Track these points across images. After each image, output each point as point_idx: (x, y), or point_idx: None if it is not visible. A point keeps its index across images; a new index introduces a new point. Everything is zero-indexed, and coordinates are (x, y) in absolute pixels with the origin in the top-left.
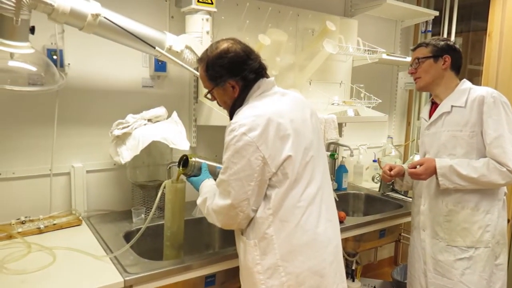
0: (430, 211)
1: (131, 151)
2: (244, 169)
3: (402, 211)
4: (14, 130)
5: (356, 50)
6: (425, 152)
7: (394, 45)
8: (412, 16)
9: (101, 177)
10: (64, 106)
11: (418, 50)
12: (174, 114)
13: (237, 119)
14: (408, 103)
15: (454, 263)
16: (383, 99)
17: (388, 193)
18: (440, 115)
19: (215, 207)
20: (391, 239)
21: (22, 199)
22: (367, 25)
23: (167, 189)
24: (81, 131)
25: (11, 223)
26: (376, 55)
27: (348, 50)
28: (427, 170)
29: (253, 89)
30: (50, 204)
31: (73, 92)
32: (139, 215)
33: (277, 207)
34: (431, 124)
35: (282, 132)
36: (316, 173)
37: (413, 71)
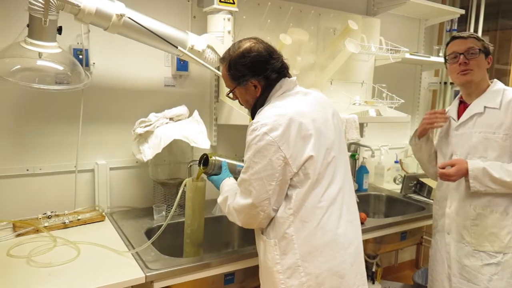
0: (456, 214)
1: (153, 149)
2: (265, 168)
3: (425, 214)
4: (41, 127)
5: (378, 49)
6: (452, 153)
7: (417, 44)
8: (436, 15)
9: (124, 174)
10: (89, 104)
11: (471, 40)
12: (195, 113)
13: (259, 119)
14: (432, 104)
15: (481, 268)
16: (406, 99)
17: (410, 194)
18: (472, 115)
19: (236, 206)
20: (412, 242)
21: (48, 194)
22: (390, 24)
23: (188, 187)
24: (105, 129)
25: (38, 218)
26: (399, 55)
27: (371, 49)
28: (458, 172)
29: (275, 88)
30: (75, 200)
31: (98, 91)
32: (160, 212)
33: (298, 207)
34: (461, 125)
35: (304, 132)
36: (338, 174)
37: (465, 61)
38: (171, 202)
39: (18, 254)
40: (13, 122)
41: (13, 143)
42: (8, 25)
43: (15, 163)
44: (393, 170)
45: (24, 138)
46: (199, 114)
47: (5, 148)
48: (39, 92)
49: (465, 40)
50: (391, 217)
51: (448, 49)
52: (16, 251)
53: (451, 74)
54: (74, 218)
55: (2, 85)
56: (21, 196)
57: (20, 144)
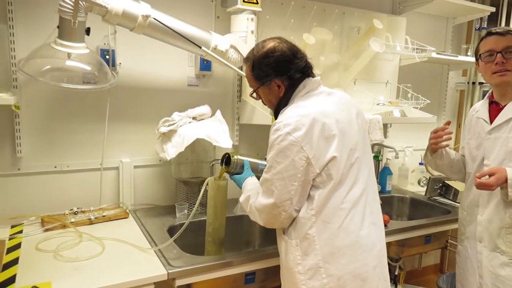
0: (489, 222)
1: (176, 148)
2: (287, 169)
3: (450, 217)
4: (69, 125)
5: (404, 48)
6: (483, 157)
7: (444, 43)
8: (465, 13)
9: (147, 173)
10: (115, 104)
11: (509, 38)
12: (218, 113)
13: (282, 119)
14: (459, 104)
15: None
16: (432, 99)
17: (436, 197)
18: (508, 119)
19: (258, 205)
20: (437, 246)
21: (75, 191)
22: (416, 22)
23: (210, 186)
24: (130, 127)
25: (65, 213)
26: (425, 54)
27: (396, 48)
28: (498, 181)
29: (299, 88)
30: (100, 197)
31: (123, 90)
32: (182, 211)
33: (320, 208)
34: (495, 129)
35: (327, 132)
36: (361, 175)
37: (502, 60)
38: (193, 200)
39: (46, 248)
40: (43, 120)
41: (42, 140)
42: (40, 26)
43: (44, 160)
44: (418, 172)
45: (53, 136)
46: (222, 113)
47: (35, 145)
48: (68, 91)
49: (503, 38)
50: (415, 219)
51: (482, 45)
52: (44, 245)
53: (484, 73)
54: (99, 214)
55: (33, 85)
56: (49, 192)
57: (49, 142)
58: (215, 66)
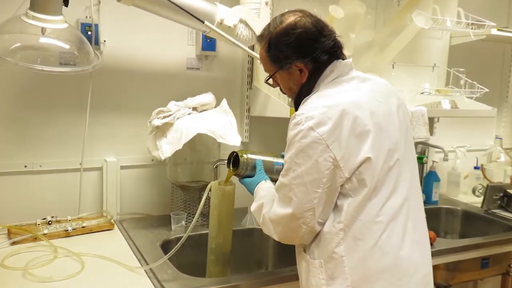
0: None
1: (172, 145)
2: (309, 172)
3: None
4: (42, 116)
5: (455, 24)
6: None
7: (507, 17)
8: None
9: (137, 175)
10: (98, 90)
11: None
12: (224, 102)
13: (303, 110)
14: None
15: None
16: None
17: (495, 210)
18: None
19: (272, 216)
20: (496, 271)
21: (49, 196)
22: None
23: (214, 192)
24: (116, 119)
25: (36, 223)
26: (482, 31)
27: (445, 24)
28: None
29: (325, 73)
30: (79, 204)
31: (109, 74)
32: (179, 222)
33: (350, 221)
34: None
35: (360, 127)
36: (402, 181)
37: None
38: (193, 209)
39: (14, 265)
40: (10, 109)
41: (9, 134)
42: None
43: (12, 158)
44: (472, 178)
45: (23, 129)
46: (229, 103)
47: (1, 140)
48: (41, 75)
49: None
50: (468, 237)
51: None
52: (11, 262)
53: None
54: (78, 225)
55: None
56: (18, 197)
57: (18, 136)
58: (220, 45)
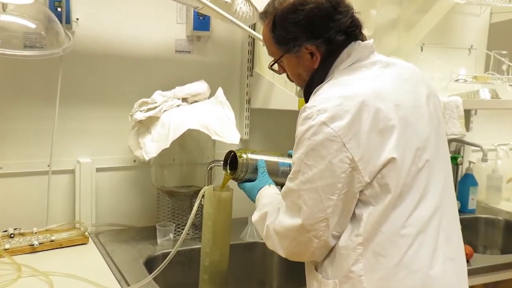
0: None
1: (158, 143)
2: (322, 175)
3: None
4: (2, 109)
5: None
6: None
7: None
8: None
9: (116, 178)
10: (70, 78)
11: None
12: (220, 92)
13: (315, 102)
14: None
15: None
16: None
17: None
18: None
19: (278, 228)
20: None
21: (11, 204)
22: None
23: (207, 200)
24: (91, 113)
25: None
26: None
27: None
28: None
29: (341, 57)
30: (47, 213)
31: (82, 58)
32: (166, 235)
33: (371, 234)
34: None
35: (383, 122)
36: (433, 186)
37: None
38: (183, 220)
39: None
40: None
41: None
42: None
43: None
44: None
45: None
46: (225, 93)
47: None
48: (1, 60)
49: None
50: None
51: None
52: None
53: None
54: (45, 238)
55: None
56: None
57: None
58: (216, 24)
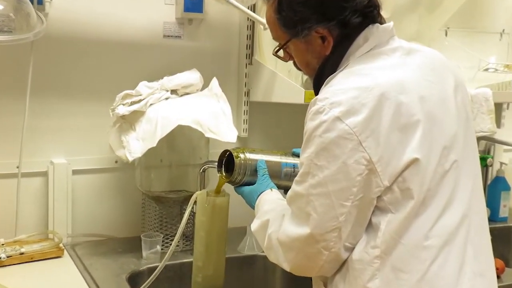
0: None
1: (143, 142)
2: (335, 178)
3: None
4: None
5: None
6: None
7: None
8: None
9: (95, 182)
10: (42, 66)
11: None
12: (214, 83)
13: (327, 94)
14: None
15: None
16: None
17: None
18: None
19: (283, 237)
20: None
21: None
22: None
23: (200, 206)
24: (67, 106)
25: None
26: None
27: None
28: None
29: (357, 42)
30: (16, 222)
31: (56, 45)
32: (153, 247)
33: (390, 246)
34: None
35: (405, 118)
36: (460, 191)
37: None
38: (172, 230)
39: None
40: None
41: None
42: None
43: None
44: None
45: None
46: (221, 84)
47: None
48: None
49: None
50: None
51: None
52: None
53: None
54: (14, 251)
55: None
56: None
57: None
58: (210, 4)
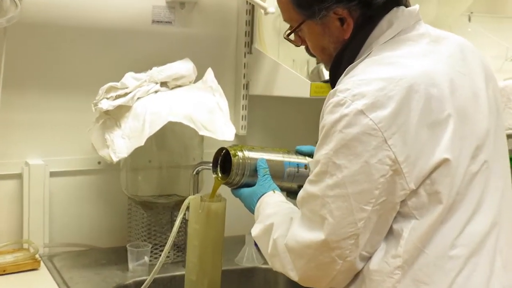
0: None
1: (130, 141)
2: (356, 179)
3: None
4: None
5: None
6: None
7: None
8: None
9: (76, 185)
10: (16, 56)
11: None
12: (209, 75)
13: (349, 84)
14: None
15: None
16: None
17: None
18: None
19: (292, 243)
20: None
21: None
22: None
23: (193, 213)
24: (43, 100)
25: None
26: None
27: None
28: None
29: (380, 26)
30: None
31: (32, 31)
32: (140, 258)
33: (412, 255)
34: None
35: (436, 113)
36: (489, 196)
37: None
38: (162, 239)
39: None
40: None
41: None
42: None
43: None
44: None
45: None
46: (217, 75)
47: None
48: None
49: None
50: None
51: None
52: None
53: None
54: None
55: None
56: None
57: None
58: None
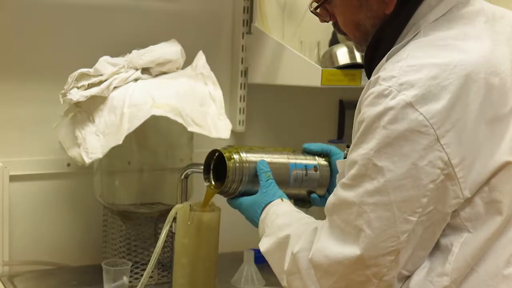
0: None
1: (105, 138)
2: (400, 184)
3: None
4: None
5: None
6: None
7: None
8: None
9: (41, 192)
10: None
11: None
12: (200, 60)
13: (394, 71)
14: None
15: None
16: None
17: None
18: None
19: (319, 258)
20: None
21: None
22: None
23: (182, 225)
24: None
25: None
26: None
27: None
28: None
29: (428, 1)
30: None
31: None
32: (118, 278)
33: (462, 274)
34: None
35: (496, 108)
36: None
37: None
38: (144, 256)
39: None
40: None
41: None
42: None
43: None
44: None
45: None
46: (209, 60)
47: None
48: None
49: None
50: None
51: None
52: None
53: None
54: None
55: None
56: None
57: None
58: None
